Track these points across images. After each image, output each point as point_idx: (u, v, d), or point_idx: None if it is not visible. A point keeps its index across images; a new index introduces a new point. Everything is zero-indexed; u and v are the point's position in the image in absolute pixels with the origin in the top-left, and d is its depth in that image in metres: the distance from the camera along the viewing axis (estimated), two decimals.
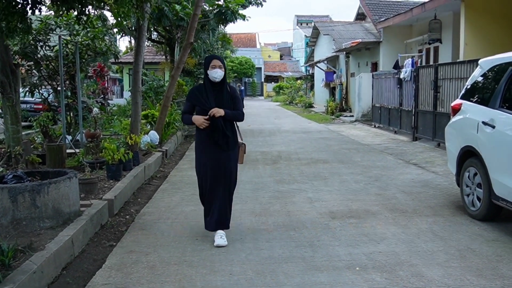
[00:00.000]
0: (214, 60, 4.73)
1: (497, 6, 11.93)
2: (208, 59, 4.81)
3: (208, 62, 4.75)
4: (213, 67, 4.68)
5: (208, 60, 4.79)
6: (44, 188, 4.47)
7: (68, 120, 10.43)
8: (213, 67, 4.68)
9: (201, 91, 4.79)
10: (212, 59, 4.75)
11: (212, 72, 4.68)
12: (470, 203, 5.64)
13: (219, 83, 4.76)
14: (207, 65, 4.73)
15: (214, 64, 4.69)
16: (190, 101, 4.85)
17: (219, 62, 4.73)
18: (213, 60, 4.74)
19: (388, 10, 22.46)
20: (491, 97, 5.48)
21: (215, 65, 4.69)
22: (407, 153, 10.70)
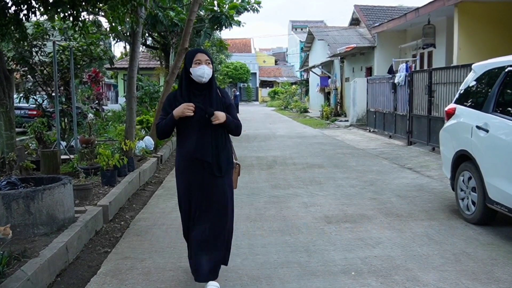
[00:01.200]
0: (198, 54, 3.56)
1: (490, 11, 12.02)
2: (190, 53, 3.64)
3: (191, 57, 3.57)
4: (198, 62, 3.52)
5: (190, 55, 3.61)
6: (38, 195, 4.44)
7: (62, 126, 10.40)
8: (198, 63, 3.52)
9: (181, 96, 3.59)
10: (196, 53, 3.58)
11: (196, 69, 3.51)
12: (465, 207, 5.66)
13: (206, 85, 3.58)
14: (189, 61, 3.55)
15: (199, 59, 3.53)
16: (167, 110, 3.58)
17: (205, 56, 3.57)
18: (198, 54, 3.57)
19: (382, 15, 22.58)
20: (484, 102, 5.51)
21: (200, 60, 3.52)
22: (402, 158, 10.73)
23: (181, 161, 3.61)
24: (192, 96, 3.54)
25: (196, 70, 3.50)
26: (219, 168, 3.54)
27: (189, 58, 3.57)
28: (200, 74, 3.50)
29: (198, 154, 3.50)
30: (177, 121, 3.48)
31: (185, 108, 3.40)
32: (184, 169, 3.60)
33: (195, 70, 3.50)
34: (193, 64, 3.51)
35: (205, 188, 3.54)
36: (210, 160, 3.50)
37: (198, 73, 3.50)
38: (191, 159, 3.53)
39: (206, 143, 3.51)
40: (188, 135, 3.54)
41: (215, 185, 3.55)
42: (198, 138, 3.51)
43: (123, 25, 8.44)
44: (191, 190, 3.57)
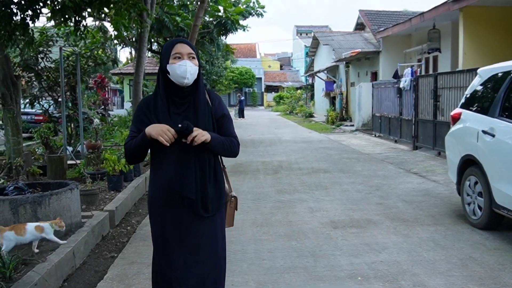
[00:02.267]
0: (178, 46, 2.56)
1: (495, 16, 12.00)
2: (167, 46, 2.61)
3: (168, 50, 2.57)
4: (177, 57, 2.52)
5: (167, 47, 2.60)
6: (45, 200, 4.47)
7: (69, 131, 10.46)
8: (177, 57, 2.52)
9: (156, 107, 2.58)
10: (175, 44, 2.57)
11: (176, 66, 2.50)
12: (471, 212, 5.64)
13: (191, 89, 2.57)
14: (166, 56, 2.56)
15: (179, 52, 2.53)
16: (138, 126, 2.59)
17: (187, 47, 2.57)
18: (177, 45, 2.56)
19: (387, 20, 22.57)
20: (490, 106, 5.50)
21: (180, 53, 2.53)
22: (407, 162, 10.71)
23: (155, 194, 2.59)
24: (171, 105, 2.54)
25: (175, 67, 2.48)
26: (205, 206, 2.56)
27: (165, 52, 2.56)
28: (181, 73, 2.47)
29: (177, 187, 2.51)
30: (150, 141, 2.44)
31: (162, 131, 2.39)
32: (158, 206, 2.59)
33: (174, 68, 2.48)
34: (171, 59, 2.50)
35: (186, 232, 2.55)
36: (193, 197, 2.52)
37: (178, 72, 2.48)
38: (167, 193, 2.53)
39: (188, 171, 2.51)
40: (165, 160, 2.53)
41: (200, 228, 2.57)
42: (178, 164, 2.51)
43: (128, 31, 8.50)
44: (166, 234, 2.58)
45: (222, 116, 2.66)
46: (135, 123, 2.59)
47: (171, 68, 2.50)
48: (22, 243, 4.06)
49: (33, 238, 4.11)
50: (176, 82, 2.52)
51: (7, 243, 3.94)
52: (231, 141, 2.64)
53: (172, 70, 2.50)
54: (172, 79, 2.52)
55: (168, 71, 2.52)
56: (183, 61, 2.50)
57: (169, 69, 2.51)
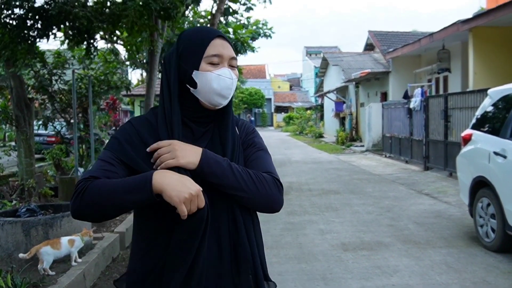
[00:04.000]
0: (218, 41, 1.51)
1: (505, 36, 12.01)
2: (197, 37, 1.52)
3: (197, 45, 1.50)
4: (214, 62, 1.49)
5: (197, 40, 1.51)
6: (57, 222, 4.51)
7: (80, 153, 10.54)
8: (214, 63, 1.49)
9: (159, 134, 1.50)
10: (213, 38, 1.51)
11: (213, 77, 1.47)
12: (484, 234, 5.57)
13: (217, 112, 1.56)
14: (194, 56, 1.50)
15: (220, 53, 1.50)
16: (117, 155, 1.48)
17: (230, 48, 1.54)
18: (216, 40, 1.51)
19: (397, 41, 22.66)
20: (501, 127, 5.47)
21: (220, 55, 1.50)
22: (418, 183, 10.63)
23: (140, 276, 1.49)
24: (188, 135, 1.53)
25: (212, 78, 1.47)
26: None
27: (190, 47, 1.51)
28: (221, 88, 1.49)
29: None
30: (155, 200, 1.35)
31: (191, 195, 1.33)
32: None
33: (210, 78, 1.47)
34: (204, 63, 1.49)
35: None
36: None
37: (215, 86, 1.48)
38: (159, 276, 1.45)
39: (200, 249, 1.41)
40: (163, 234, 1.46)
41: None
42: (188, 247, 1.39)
43: (141, 50, 8.63)
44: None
45: (251, 145, 1.63)
46: (114, 150, 1.48)
47: (204, 78, 1.46)
48: (58, 257, 4.21)
49: (67, 252, 4.25)
50: (203, 101, 1.49)
51: (47, 258, 4.09)
52: (262, 177, 1.52)
53: (204, 81, 1.46)
54: (198, 96, 1.48)
55: (194, 81, 1.47)
56: (223, 70, 1.48)
57: (198, 79, 1.46)
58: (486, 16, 11.41)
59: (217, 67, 1.49)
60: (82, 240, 4.37)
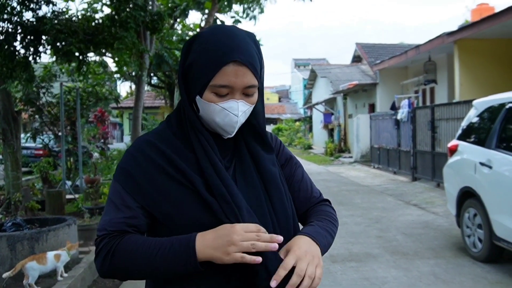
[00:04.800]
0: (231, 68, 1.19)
1: (489, 48, 12.20)
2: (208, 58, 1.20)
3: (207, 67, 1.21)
4: (222, 93, 1.22)
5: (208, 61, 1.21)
6: (43, 236, 4.46)
7: (68, 166, 10.47)
8: (222, 94, 1.22)
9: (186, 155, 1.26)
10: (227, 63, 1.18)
11: (215, 110, 1.23)
12: (472, 245, 5.61)
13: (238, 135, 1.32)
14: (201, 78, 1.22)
15: (231, 84, 1.20)
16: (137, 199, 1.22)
17: (249, 74, 1.21)
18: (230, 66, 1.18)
19: (384, 53, 22.89)
20: (487, 138, 5.54)
21: (231, 86, 1.21)
22: (407, 194, 10.69)
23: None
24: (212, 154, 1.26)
25: (215, 110, 1.24)
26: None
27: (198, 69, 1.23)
28: (224, 123, 1.26)
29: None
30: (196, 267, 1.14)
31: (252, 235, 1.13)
32: None
33: (211, 110, 1.25)
34: (209, 92, 1.23)
35: None
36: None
37: (218, 120, 1.25)
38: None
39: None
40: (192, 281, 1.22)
41: None
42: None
43: (129, 68, 8.64)
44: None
45: (289, 160, 1.45)
46: (128, 187, 1.23)
47: (206, 108, 1.24)
48: (44, 272, 4.14)
49: (52, 267, 4.19)
50: (211, 128, 1.28)
51: (33, 273, 4.03)
52: (333, 222, 1.39)
53: (206, 111, 1.25)
54: (202, 120, 1.28)
55: (197, 106, 1.27)
56: (231, 103, 1.22)
57: (200, 106, 1.26)
58: (471, 28, 11.60)
59: (223, 99, 1.23)
60: (68, 254, 4.32)
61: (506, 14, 10.03)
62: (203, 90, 1.23)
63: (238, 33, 1.24)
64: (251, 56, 1.22)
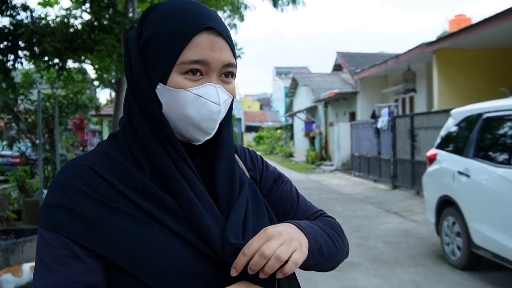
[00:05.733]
0: (205, 37, 0.86)
1: (467, 58, 12.42)
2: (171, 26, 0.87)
3: (172, 36, 0.86)
4: (195, 69, 0.87)
5: (171, 30, 0.86)
6: (19, 247, 4.35)
7: (45, 174, 10.29)
8: (195, 70, 0.87)
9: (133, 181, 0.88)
10: (199, 31, 0.86)
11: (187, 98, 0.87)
12: (451, 252, 5.66)
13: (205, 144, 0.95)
14: (164, 58, 0.86)
15: (205, 59, 0.86)
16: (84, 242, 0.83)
17: (226, 48, 0.89)
18: (201, 35, 0.86)
19: (364, 62, 23.13)
20: (465, 147, 5.61)
21: (206, 61, 0.87)
22: (387, 202, 10.76)
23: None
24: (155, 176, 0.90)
25: (191, 100, 0.88)
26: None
27: (160, 42, 0.87)
28: (205, 119, 0.89)
29: None
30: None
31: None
32: None
33: (187, 101, 0.88)
34: (178, 75, 0.87)
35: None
36: None
37: (192, 113, 0.88)
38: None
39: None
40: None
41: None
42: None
43: (109, 75, 8.56)
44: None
45: (278, 180, 1.19)
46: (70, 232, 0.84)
47: (174, 98, 0.89)
48: (19, 285, 4.02)
49: (28, 280, 4.07)
50: (177, 133, 0.92)
51: (8, 286, 3.90)
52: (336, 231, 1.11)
53: (174, 103, 0.89)
54: (173, 128, 0.91)
55: (158, 99, 0.90)
56: (208, 87, 0.89)
57: (163, 98, 0.90)
58: (449, 39, 11.80)
59: (197, 82, 0.88)
60: None
61: (483, 25, 10.24)
62: (168, 73, 0.87)
63: (201, 4, 0.94)
64: (225, 26, 0.92)
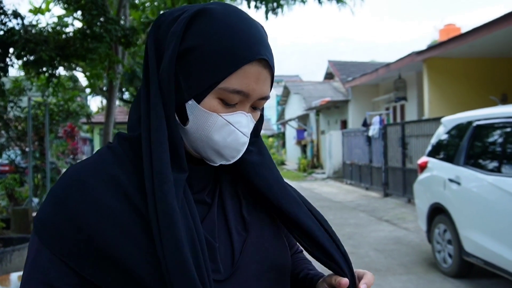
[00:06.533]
0: (254, 67, 0.80)
1: (457, 67, 12.53)
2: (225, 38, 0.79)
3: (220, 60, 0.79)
4: (238, 97, 0.82)
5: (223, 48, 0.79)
6: (7, 256, 4.30)
7: (35, 182, 10.20)
8: (231, 105, 0.83)
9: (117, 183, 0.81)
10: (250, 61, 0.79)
11: (222, 126, 0.82)
12: (442, 260, 5.67)
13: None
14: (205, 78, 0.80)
15: (246, 92, 0.81)
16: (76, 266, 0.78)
17: (264, 82, 0.83)
18: (252, 66, 0.80)
19: (355, 70, 23.27)
20: (455, 155, 5.64)
21: (247, 93, 0.82)
22: (379, 210, 10.78)
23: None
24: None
25: (220, 126, 0.83)
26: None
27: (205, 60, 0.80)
28: (229, 147, 0.84)
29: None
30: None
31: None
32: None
33: (217, 126, 0.83)
34: (213, 98, 0.82)
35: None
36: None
37: (223, 142, 0.84)
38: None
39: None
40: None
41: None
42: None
43: (101, 82, 8.53)
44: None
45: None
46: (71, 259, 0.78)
47: (203, 120, 0.83)
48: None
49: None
50: (190, 149, 0.87)
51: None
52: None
53: (202, 125, 0.83)
54: (185, 138, 0.86)
55: (186, 114, 0.83)
56: (239, 116, 0.84)
57: (192, 115, 0.83)
58: (439, 48, 11.90)
59: (230, 109, 0.83)
60: None
61: (472, 34, 10.34)
62: (205, 94, 0.81)
63: (256, 22, 0.86)
64: (273, 55, 0.86)
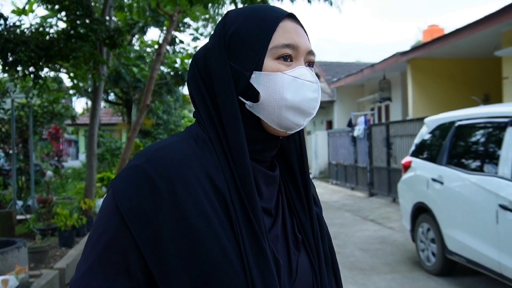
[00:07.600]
0: (289, 24, 0.88)
1: (440, 67, 12.69)
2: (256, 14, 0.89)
3: (260, 26, 0.87)
4: (287, 55, 0.87)
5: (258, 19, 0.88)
6: None
7: (19, 185, 10.10)
8: (287, 56, 0.87)
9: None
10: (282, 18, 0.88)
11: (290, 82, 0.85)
12: (426, 259, 5.74)
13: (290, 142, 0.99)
14: (257, 46, 0.86)
15: (295, 43, 0.87)
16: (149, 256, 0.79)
17: (305, 36, 0.90)
18: (287, 22, 0.88)
19: (341, 71, 23.37)
20: (438, 154, 5.72)
21: (296, 45, 0.87)
22: (364, 210, 10.86)
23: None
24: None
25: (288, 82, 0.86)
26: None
27: (250, 34, 0.87)
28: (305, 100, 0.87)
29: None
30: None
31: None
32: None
33: (285, 83, 0.85)
34: (271, 60, 0.86)
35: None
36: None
37: (298, 97, 0.86)
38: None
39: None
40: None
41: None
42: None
43: (85, 83, 8.47)
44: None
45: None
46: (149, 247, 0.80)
47: (272, 83, 0.86)
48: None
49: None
50: (268, 123, 0.88)
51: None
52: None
53: (272, 88, 0.85)
54: (260, 114, 0.87)
55: (254, 90, 0.86)
56: (301, 69, 0.88)
57: (260, 86, 0.86)
58: (422, 48, 12.04)
59: (290, 66, 0.87)
60: (17, 279, 4.13)
61: (455, 35, 10.48)
62: (261, 60, 0.86)
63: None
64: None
